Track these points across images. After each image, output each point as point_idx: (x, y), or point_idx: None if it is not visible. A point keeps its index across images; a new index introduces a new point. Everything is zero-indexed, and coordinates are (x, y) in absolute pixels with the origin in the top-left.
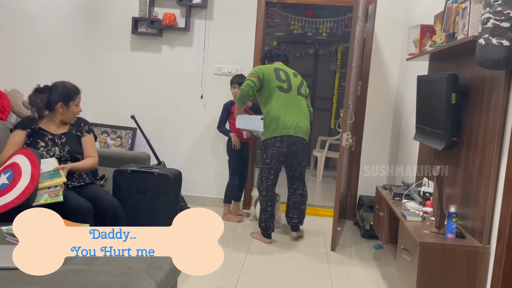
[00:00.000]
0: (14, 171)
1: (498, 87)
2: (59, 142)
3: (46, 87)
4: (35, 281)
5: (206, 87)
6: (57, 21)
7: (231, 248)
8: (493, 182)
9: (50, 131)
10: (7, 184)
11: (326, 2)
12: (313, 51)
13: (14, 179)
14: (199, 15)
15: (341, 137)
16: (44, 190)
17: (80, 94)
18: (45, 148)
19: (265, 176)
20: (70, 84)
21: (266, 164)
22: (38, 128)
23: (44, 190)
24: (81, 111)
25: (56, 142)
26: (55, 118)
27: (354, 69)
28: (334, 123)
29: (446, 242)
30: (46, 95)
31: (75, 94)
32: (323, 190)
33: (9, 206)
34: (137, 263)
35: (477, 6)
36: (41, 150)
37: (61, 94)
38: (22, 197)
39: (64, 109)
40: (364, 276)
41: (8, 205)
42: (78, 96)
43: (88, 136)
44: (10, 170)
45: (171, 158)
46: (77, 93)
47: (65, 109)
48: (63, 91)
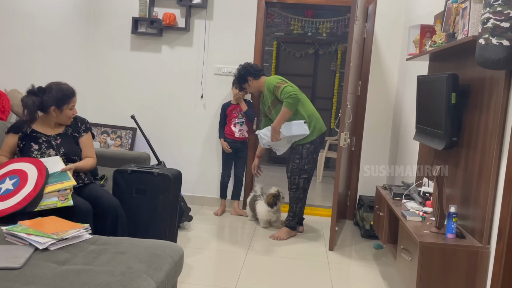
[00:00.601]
0: (21, 179)
1: (498, 87)
2: (54, 144)
3: (40, 89)
4: (35, 281)
5: (206, 87)
6: (57, 21)
7: (231, 248)
8: (493, 182)
9: (44, 133)
10: (11, 190)
11: (326, 2)
12: (313, 51)
13: (19, 186)
14: (199, 15)
15: (339, 136)
16: (53, 193)
17: (75, 97)
18: (39, 152)
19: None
20: (65, 86)
21: (311, 165)
22: (30, 130)
23: (53, 193)
24: (76, 113)
25: (51, 144)
26: (49, 119)
27: (354, 69)
28: (334, 123)
29: (446, 242)
30: (39, 97)
31: (69, 98)
32: (323, 190)
33: (8, 211)
34: (137, 263)
35: (477, 6)
36: (35, 154)
37: (54, 98)
38: (22, 203)
39: (58, 113)
40: (364, 276)
41: (7, 210)
42: (73, 100)
43: (85, 136)
44: (17, 177)
45: (171, 158)
46: (71, 96)
47: (58, 113)
48: (56, 95)
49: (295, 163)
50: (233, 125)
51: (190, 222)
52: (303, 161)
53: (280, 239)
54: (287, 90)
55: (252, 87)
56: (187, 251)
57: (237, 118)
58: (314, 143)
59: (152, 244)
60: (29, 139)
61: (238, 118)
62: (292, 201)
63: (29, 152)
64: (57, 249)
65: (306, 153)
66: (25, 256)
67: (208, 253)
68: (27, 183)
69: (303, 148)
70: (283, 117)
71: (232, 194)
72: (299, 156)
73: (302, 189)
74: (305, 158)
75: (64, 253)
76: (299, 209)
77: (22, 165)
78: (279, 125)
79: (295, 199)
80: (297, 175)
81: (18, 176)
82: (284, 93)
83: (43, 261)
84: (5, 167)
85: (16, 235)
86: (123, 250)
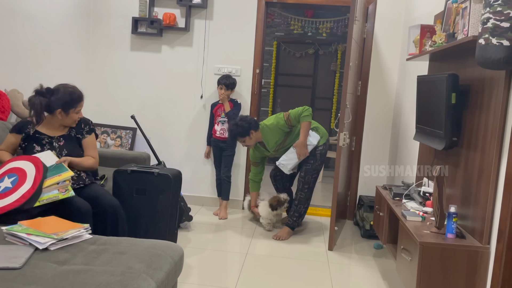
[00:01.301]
0: (19, 176)
1: (498, 87)
2: (56, 146)
3: (48, 90)
4: (35, 281)
5: (206, 87)
6: (57, 21)
7: (231, 248)
8: (493, 182)
9: (47, 134)
10: (10, 188)
11: (326, 2)
12: (313, 51)
13: (17, 184)
14: (199, 15)
15: (338, 136)
16: (53, 186)
17: (82, 102)
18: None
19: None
20: (73, 89)
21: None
22: (34, 131)
23: (53, 186)
24: (81, 117)
25: (54, 146)
26: (53, 121)
27: (353, 69)
28: (334, 123)
29: (446, 242)
30: (46, 98)
31: (77, 102)
32: (323, 190)
33: (6, 209)
34: (137, 263)
35: (477, 6)
36: (37, 155)
37: (62, 101)
38: (21, 200)
39: (63, 116)
40: (364, 276)
41: (6, 207)
42: (80, 104)
43: (89, 138)
44: (16, 175)
45: (171, 158)
46: (78, 101)
47: (64, 116)
48: (63, 97)
49: (310, 163)
50: (216, 124)
51: (190, 222)
52: (317, 162)
53: (282, 239)
54: (297, 110)
55: (252, 140)
56: (187, 251)
57: (220, 117)
58: (326, 145)
59: (152, 244)
60: (32, 140)
61: (221, 117)
62: (301, 202)
63: (31, 152)
64: (57, 249)
65: (319, 154)
66: (25, 256)
67: (208, 253)
68: (26, 181)
69: (317, 150)
70: (306, 130)
71: (220, 193)
72: (312, 157)
73: (311, 189)
74: (318, 159)
75: (64, 253)
76: (305, 210)
77: (20, 163)
78: (305, 139)
79: (304, 200)
80: (310, 175)
81: (16, 174)
82: (297, 112)
83: (43, 261)
84: (4, 167)
85: (16, 235)
86: (123, 250)
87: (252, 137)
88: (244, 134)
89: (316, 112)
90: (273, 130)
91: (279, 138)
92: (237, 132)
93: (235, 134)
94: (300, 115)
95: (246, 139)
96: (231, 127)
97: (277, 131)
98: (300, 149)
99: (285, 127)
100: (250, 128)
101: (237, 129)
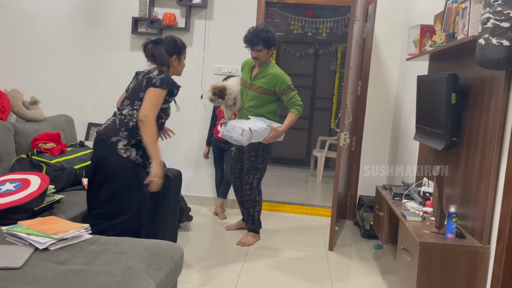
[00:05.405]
0: (23, 183)
1: (498, 87)
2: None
3: (158, 40)
4: (35, 281)
5: (206, 87)
6: (57, 21)
7: (231, 248)
8: (493, 182)
9: None
10: (12, 190)
11: (326, 2)
12: (313, 51)
13: (21, 188)
14: (199, 15)
15: (339, 136)
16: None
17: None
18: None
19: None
20: (174, 36)
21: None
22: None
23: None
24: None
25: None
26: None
27: (353, 69)
28: (334, 123)
29: (446, 242)
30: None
31: (185, 47)
32: (323, 190)
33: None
34: (137, 263)
35: (477, 6)
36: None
37: (175, 46)
38: (26, 199)
39: (177, 63)
40: (364, 276)
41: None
42: (185, 50)
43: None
44: (19, 182)
45: (171, 158)
46: (185, 47)
47: (177, 63)
48: (175, 43)
49: (250, 161)
50: (219, 125)
51: (190, 222)
52: (258, 160)
53: (248, 245)
54: (298, 99)
55: (268, 56)
56: (187, 251)
57: (224, 119)
58: (270, 145)
59: (152, 244)
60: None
61: (225, 119)
62: (249, 204)
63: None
64: (57, 249)
65: (262, 151)
66: (25, 256)
67: (208, 253)
68: (30, 186)
69: (259, 146)
70: (291, 122)
71: (220, 192)
72: (254, 154)
73: (257, 191)
74: (260, 157)
75: (64, 253)
76: (258, 213)
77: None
78: (286, 128)
79: (251, 202)
80: (252, 174)
81: (20, 181)
82: (295, 100)
83: (43, 261)
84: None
85: (16, 235)
86: (123, 250)
87: (270, 51)
88: (270, 43)
89: (316, 112)
90: (276, 74)
91: (267, 84)
92: (266, 36)
93: (263, 37)
94: (293, 102)
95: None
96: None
97: (275, 79)
98: (274, 133)
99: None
100: (275, 44)
101: (268, 34)
